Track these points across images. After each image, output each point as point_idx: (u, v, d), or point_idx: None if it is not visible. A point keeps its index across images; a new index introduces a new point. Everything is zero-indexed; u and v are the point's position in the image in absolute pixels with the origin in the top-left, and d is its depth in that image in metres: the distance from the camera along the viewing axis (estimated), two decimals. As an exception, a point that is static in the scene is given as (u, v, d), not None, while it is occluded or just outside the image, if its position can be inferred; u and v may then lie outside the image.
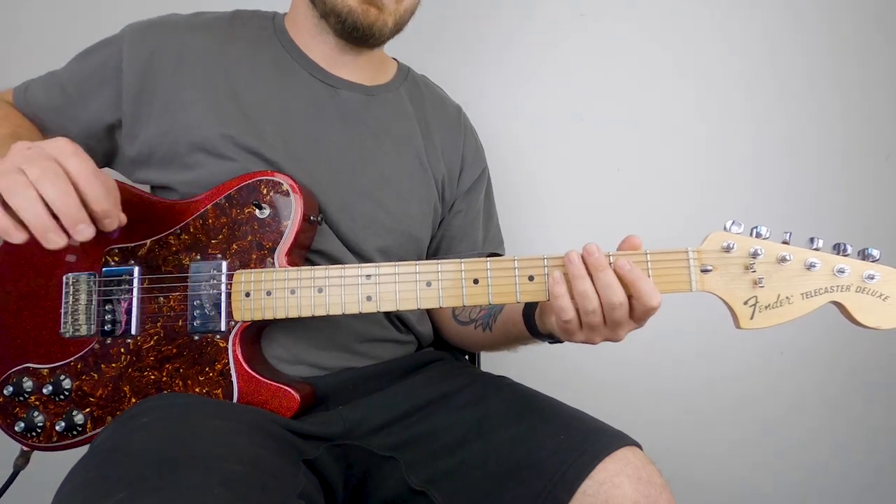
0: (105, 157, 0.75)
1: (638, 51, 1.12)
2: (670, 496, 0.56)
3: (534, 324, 0.61)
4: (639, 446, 0.59)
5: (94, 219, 0.53)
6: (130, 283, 0.63)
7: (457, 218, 0.81)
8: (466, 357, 0.85)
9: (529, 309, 0.62)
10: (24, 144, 0.53)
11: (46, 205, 0.50)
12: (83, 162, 0.52)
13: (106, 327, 0.63)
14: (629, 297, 0.52)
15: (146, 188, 0.72)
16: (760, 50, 1.14)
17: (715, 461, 1.18)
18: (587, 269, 0.53)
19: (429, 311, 0.81)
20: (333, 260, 0.68)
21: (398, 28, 0.73)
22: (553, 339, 0.62)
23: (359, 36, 0.70)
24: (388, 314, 0.73)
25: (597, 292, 0.52)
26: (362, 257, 0.71)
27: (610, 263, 0.53)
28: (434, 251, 0.82)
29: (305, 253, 0.67)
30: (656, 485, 0.56)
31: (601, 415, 0.63)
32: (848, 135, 1.15)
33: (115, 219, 0.54)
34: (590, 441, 0.58)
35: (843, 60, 1.14)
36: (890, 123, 1.15)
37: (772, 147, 1.15)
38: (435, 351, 0.80)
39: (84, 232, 0.51)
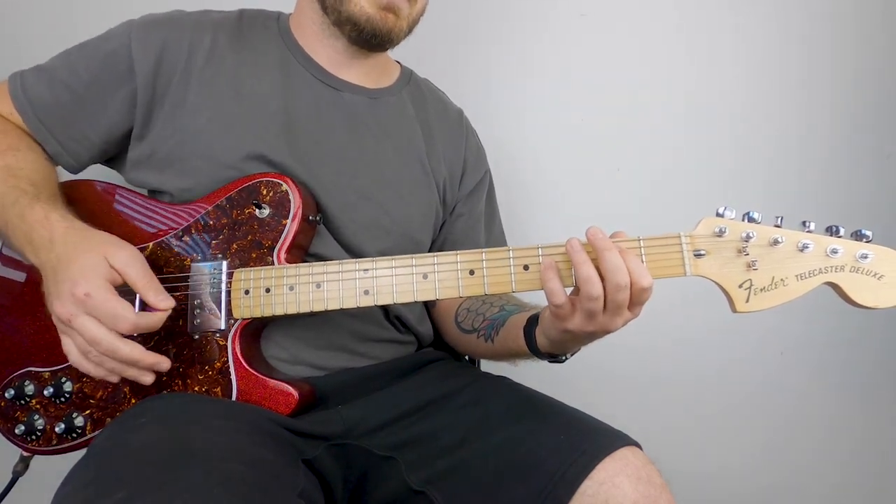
0: (115, 158, 0.74)
1: (638, 51, 1.13)
2: (670, 496, 0.55)
3: (534, 341, 0.61)
4: (638, 446, 0.59)
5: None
6: (132, 285, 0.64)
7: (459, 221, 0.82)
8: (466, 357, 0.85)
9: (531, 325, 0.62)
10: (74, 287, 0.55)
11: None
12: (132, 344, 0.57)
13: (107, 329, 0.64)
14: None
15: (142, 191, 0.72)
16: (761, 48, 1.14)
17: (715, 461, 1.16)
18: (595, 250, 0.52)
19: (432, 317, 0.81)
20: None
21: (410, 30, 0.74)
22: (552, 358, 0.62)
23: (377, 42, 0.71)
24: (387, 314, 0.74)
25: (601, 276, 0.52)
26: None
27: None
28: None
29: (304, 253, 0.68)
30: (656, 485, 0.55)
31: (601, 415, 0.63)
32: (849, 133, 1.15)
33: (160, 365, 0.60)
34: (589, 441, 0.57)
35: (843, 58, 1.15)
36: (891, 122, 1.15)
37: (772, 146, 1.15)
38: (435, 351, 0.80)
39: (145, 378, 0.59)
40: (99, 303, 0.55)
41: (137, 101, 0.68)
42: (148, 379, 0.59)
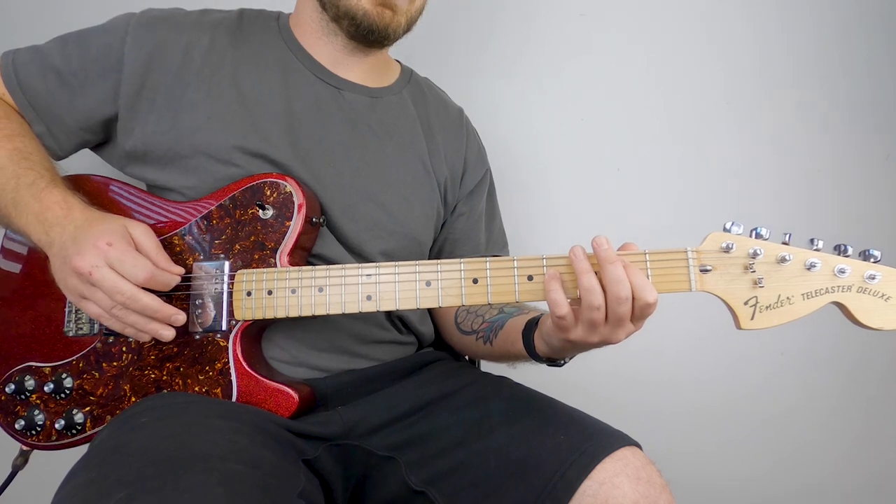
0: (97, 147, 0.74)
1: (638, 51, 1.13)
2: (670, 496, 0.56)
3: (532, 344, 0.61)
4: (638, 446, 0.59)
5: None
6: (134, 282, 0.64)
7: (459, 221, 0.82)
8: (466, 357, 0.85)
9: (529, 329, 0.62)
10: (97, 242, 0.58)
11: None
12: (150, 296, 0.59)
13: (108, 326, 0.64)
14: None
15: (140, 184, 0.72)
16: (761, 50, 1.14)
17: (715, 461, 1.17)
18: (598, 261, 0.52)
19: (432, 316, 0.81)
20: (335, 263, 0.68)
21: (409, 27, 0.73)
22: (551, 361, 0.62)
23: (374, 38, 0.71)
24: (389, 315, 0.74)
25: (603, 288, 0.52)
26: (364, 260, 0.71)
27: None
28: (436, 254, 0.82)
29: (307, 255, 0.67)
30: (656, 485, 0.55)
31: (601, 415, 0.63)
32: (848, 134, 1.15)
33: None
34: (589, 441, 0.58)
35: (842, 59, 1.14)
36: (890, 122, 1.14)
37: (772, 147, 1.14)
38: (435, 351, 0.80)
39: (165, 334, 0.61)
40: (120, 252, 0.58)
41: (121, 93, 0.68)
42: (168, 334, 0.61)
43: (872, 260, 0.52)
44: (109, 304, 0.58)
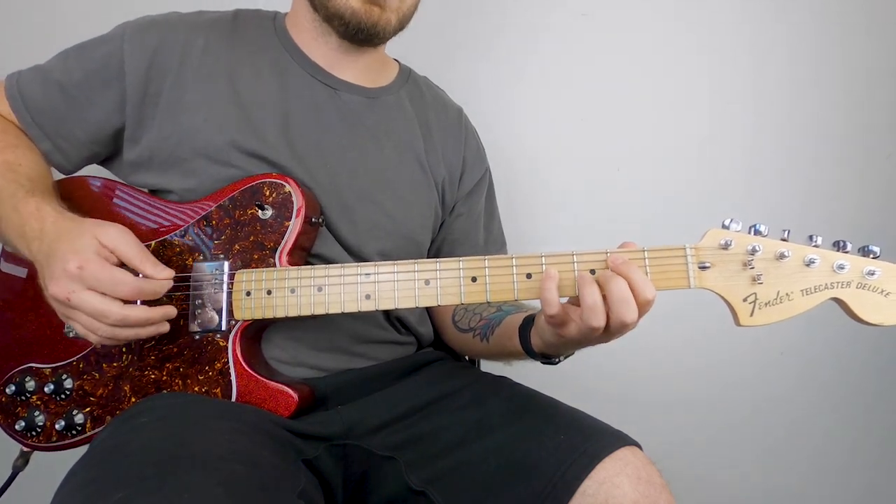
0: (106, 159, 0.74)
1: (638, 51, 1.13)
2: (670, 496, 0.56)
3: (528, 341, 0.61)
4: (638, 446, 0.59)
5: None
6: (133, 283, 0.64)
7: (458, 221, 0.82)
8: (466, 357, 0.85)
9: (526, 326, 0.62)
10: (73, 256, 0.55)
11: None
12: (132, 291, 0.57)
13: (108, 327, 0.64)
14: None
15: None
16: (760, 49, 1.14)
17: (715, 461, 1.17)
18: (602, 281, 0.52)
19: (430, 315, 0.81)
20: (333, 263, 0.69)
21: (402, 25, 0.73)
22: (546, 359, 0.62)
23: (364, 37, 0.71)
24: (388, 316, 0.74)
25: (605, 301, 0.52)
26: (362, 261, 0.71)
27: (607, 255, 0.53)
28: (435, 255, 0.82)
29: (306, 255, 0.68)
30: (656, 485, 0.55)
31: (601, 415, 0.63)
32: (848, 134, 1.15)
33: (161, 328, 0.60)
34: (589, 441, 0.57)
35: (843, 59, 1.15)
36: (891, 122, 1.14)
37: (772, 146, 1.15)
38: (434, 351, 0.80)
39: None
40: (94, 272, 0.55)
41: (127, 102, 0.68)
42: (165, 328, 0.60)
43: (872, 256, 0.52)
44: (93, 325, 0.56)
